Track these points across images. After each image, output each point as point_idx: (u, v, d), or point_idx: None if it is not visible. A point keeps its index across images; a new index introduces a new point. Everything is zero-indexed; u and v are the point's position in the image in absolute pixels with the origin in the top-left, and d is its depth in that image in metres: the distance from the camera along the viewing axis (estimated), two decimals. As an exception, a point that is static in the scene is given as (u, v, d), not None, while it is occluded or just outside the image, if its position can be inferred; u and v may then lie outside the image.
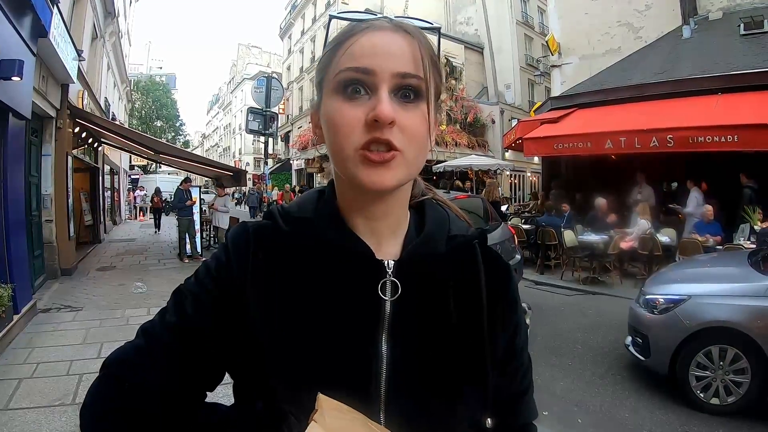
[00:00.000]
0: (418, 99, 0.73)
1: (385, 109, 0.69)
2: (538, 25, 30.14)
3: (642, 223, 9.44)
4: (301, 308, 0.77)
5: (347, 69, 0.72)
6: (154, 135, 35.27)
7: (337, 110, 0.72)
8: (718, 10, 13.40)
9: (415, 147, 0.73)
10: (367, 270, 0.80)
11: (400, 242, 0.84)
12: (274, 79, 12.42)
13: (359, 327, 0.77)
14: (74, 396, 4.51)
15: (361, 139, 0.70)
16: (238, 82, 63.50)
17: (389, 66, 0.71)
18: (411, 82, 0.72)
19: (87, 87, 12.84)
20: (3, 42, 5.70)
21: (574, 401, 4.74)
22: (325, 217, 0.82)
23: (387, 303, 0.78)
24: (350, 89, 0.72)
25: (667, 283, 5.39)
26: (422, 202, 0.90)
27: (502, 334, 0.86)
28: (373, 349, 0.76)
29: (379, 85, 0.71)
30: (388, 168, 0.71)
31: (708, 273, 5.71)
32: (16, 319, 6.09)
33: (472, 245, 0.89)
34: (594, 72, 14.42)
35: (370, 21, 0.76)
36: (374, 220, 0.81)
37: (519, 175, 27.52)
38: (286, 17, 44.37)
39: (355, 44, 0.73)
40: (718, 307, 4.63)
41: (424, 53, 0.74)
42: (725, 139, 8.42)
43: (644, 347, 5.01)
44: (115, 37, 18.60)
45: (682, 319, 4.72)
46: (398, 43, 0.73)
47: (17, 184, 6.94)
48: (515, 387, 0.89)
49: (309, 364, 0.74)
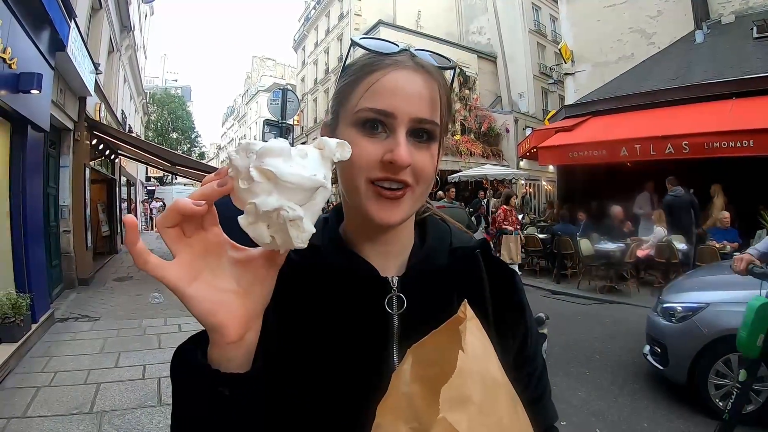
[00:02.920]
0: (431, 140, 0.78)
1: (403, 154, 0.73)
2: (551, 33, 30.02)
3: (658, 230, 9.34)
4: (313, 331, 0.80)
5: (368, 109, 0.75)
6: (170, 147, 35.51)
7: (354, 144, 0.73)
8: (731, 14, 13.33)
9: (423, 184, 0.78)
10: (373, 288, 0.83)
11: (405, 258, 0.88)
12: (290, 91, 12.45)
13: (370, 342, 0.80)
14: (92, 405, 4.54)
15: (374, 174, 0.75)
16: (252, 94, 63.94)
17: (409, 110, 0.75)
18: (427, 127, 0.77)
19: (104, 99, 13.01)
20: (22, 56, 5.80)
21: (592, 411, 4.68)
22: (330, 243, 0.86)
23: (394, 317, 0.82)
24: (369, 125, 0.76)
25: (685, 291, 5.27)
26: (424, 219, 0.94)
27: (511, 340, 0.87)
28: (385, 362, 0.78)
29: (397, 127, 0.75)
30: (397, 205, 0.76)
31: (726, 280, 5.50)
32: (34, 328, 6.16)
33: (474, 255, 0.92)
34: (607, 79, 14.37)
35: (392, 57, 0.78)
36: (382, 243, 0.85)
37: (534, 184, 27.33)
38: (299, 29, 44.66)
39: (377, 83, 0.76)
40: (736, 314, 4.38)
41: (442, 95, 0.78)
42: (740, 144, 8.33)
43: (663, 356, 4.93)
44: (131, 50, 18.88)
45: (701, 327, 4.62)
46: (418, 86, 0.76)
47: (35, 195, 7.02)
48: (530, 393, 0.88)
49: (324, 383, 0.77)
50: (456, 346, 0.64)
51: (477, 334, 0.68)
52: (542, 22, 30.41)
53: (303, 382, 0.77)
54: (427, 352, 0.70)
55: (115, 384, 5.03)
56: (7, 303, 5.61)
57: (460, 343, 0.64)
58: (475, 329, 0.68)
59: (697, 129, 9.08)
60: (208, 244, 0.63)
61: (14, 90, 5.75)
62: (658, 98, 11.10)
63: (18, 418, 4.25)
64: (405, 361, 0.71)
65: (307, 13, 42.93)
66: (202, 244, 0.63)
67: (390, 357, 0.80)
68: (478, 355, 0.64)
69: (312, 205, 0.61)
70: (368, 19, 29.91)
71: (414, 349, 0.71)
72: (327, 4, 36.76)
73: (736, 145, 8.37)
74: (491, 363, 0.67)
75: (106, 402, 4.63)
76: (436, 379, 0.64)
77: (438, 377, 0.64)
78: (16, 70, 5.68)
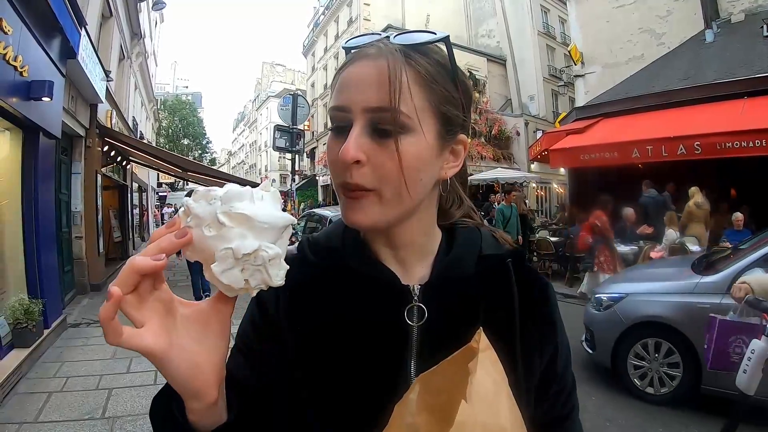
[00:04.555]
0: (396, 134, 0.69)
1: (344, 151, 0.68)
2: (560, 35, 29.93)
3: (670, 232, 9.25)
4: (329, 336, 0.77)
5: (331, 108, 0.73)
6: (181, 153, 35.78)
7: (328, 147, 0.74)
8: (740, 12, 13.19)
9: (390, 185, 0.70)
10: (393, 296, 0.79)
11: (428, 265, 0.82)
12: (300, 97, 12.50)
13: (388, 353, 0.77)
14: (104, 410, 4.57)
15: (339, 178, 0.72)
16: (263, 100, 64.16)
17: (360, 100, 0.70)
18: (383, 116, 0.69)
19: (115, 106, 13.13)
20: (33, 63, 5.85)
21: (606, 417, 4.65)
22: (350, 246, 0.82)
23: (414, 328, 0.77)
24: (336, 126, 0.73)
25: (615, 283, 5.98)
26: (454, 224, 0.87)
27: (538, 358, 0.82)
28: (401, 375, 0.75)
29: (354, 121, 0.70)
30: (359, 207, 0.71)
31: (650, 273, 6.24)
32: (46, 334, 6.21)
33: (505, 264, 0.84)
34: (618, 80, 14.26)
35: (360, 48, 0.75)
36: (397, 248, 0.81)
37: (545, 187, 27.23)
38: (309, 35, 44.89)
39: (338, 79, 0.74)
40: (650, 303, 5.12)
41: (403, 77, 0.69)
42: (753, 144, 8.22)
43: (591, 342, 5.54)
44: (141, 57, 19.03)
45: (620, 315, 5.21)
46: (372, 73, 0.70)
47: (48, 201, 7.08)
48: (557, 411, 0.85)
49: (340, 392, 0.75)
50: (463, 380, 0.62)
51: (490, 370, 0.64)
52: (551, 25, 30.32)
53: (312, 392, 0.75)
54: (435, 380, 0.67)
55: (127, 389, 5.07)
56: (20, 309, 5.65)
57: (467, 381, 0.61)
58: (488, 363, 0.65)
59: (708, 129, 8.98)
60: (165, 303, 0.60)
61: (26, 97, 5.79)
62: (669, 99, 10.99)
63: (30, 423, 4.29)
64: (411, 390, 0.67)
65: (316, 19, 43.18)
66: (161, 305, 0.59)
67: (407, 369, 0.76)
68: (487, 400, 0.61)
69: (282, 242, 0.60)
70: (377, 23, 29.96)
71: (422, 377, 0.67)
72: (336, 9, 36.95)
73: (749, 145, 8.25)
74: (501, 406, 0.63)
75: (117, 407, 4.65)
76: (445, 407, 0.63)
77: (446, 405, 0.62)
78: (28, 77, 5.72)
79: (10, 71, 5.34)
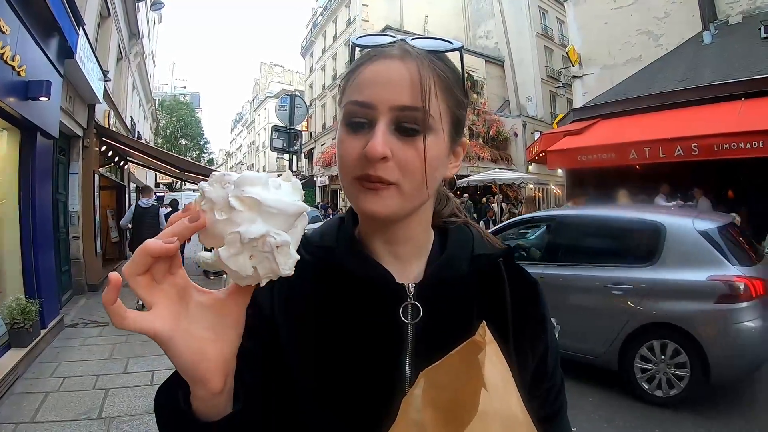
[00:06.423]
0: (421, 132, 0.72)
1: (373, 146, 0.69)
2: (558, 37, 30.01)
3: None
4: (324, 335, 0.78)
5: (351, 102, 0.74)
6: (179, 153, 35.73)
7: (341, 141, 0.75)
8: (738, 14, 13.23)
9: (412, 180, 0.73)
10: (388, 294, 0.79)
11: (423, 264, 0.84)
12: (298, 97, 12.47)
13: (383, 351, 0.77)
14: (100, 410, 4.56)
15: (357, 171, 0.72)
16: (261, 101, 64.14)
17: (387, 98, 0.71)
18: (411, 115, 0.71)
19: (113, 106, 13.10)
20: (31, 63, 5.84)
21: (605, 417, 4.64)
22: (344, 244, 0.83)
23: (409, 326, 0.78)
24: (353, 121, 0.73)
25: None
26: (445, 223, 0.90)
27: (530, 355, 0.84)
28: (397, 373, 0.76)
29: (378, 118, 0.71)
30: (380, 197, 0.72)
31: None
32: (43, 334, 6.20)
33: (497, 264, 0.86)
34: (615, 82, 14.29)
35: (381, 48, 0.76)
36: (395, 244, 0.82)
37: (543, 188, 27.28)
38: (307, 35, 44.96)
39: (360, 76, 0.74)
40: None
41: (431, 81, 0.72)
42: (750, 145, 8.23)
43: None
44: (139, 57, 19.01)
45: None
46: (400, 73, 0.72)
47: (45, 201, 7.06)
48: (547, 409, 0.86)
49: (334, 389, 0.75)
50: (472, 372, 0.62)
51: (496, 362, 0.65)
52: (549, 26, 30.42)
53: (308, 391, 0.76)
54: (440, 375, 0.67)
55: (124, 390, 5.06)
56: (17, 309, 5.62)
57: (478, 373, 0.61)
58: (494, 356, 0.65)
59: (706, 130, 8.98)
60: (178, 288, 0.60)
61: (23, 97, 5.78)
62: (667, 100, 11.00)
63: (26, 424, 4.28)
64: (417, 385, 0.67)
65: (314, 20, 43.23)
66: (174, 290, 0.60)
67: (402, 367, 0.77)
68: (498, 390, 0.61)
69: (294, 232, 0.60)
70: (375, 24, 30.03)
71: (427, 372, 0.67)
72: (334, 10, 37.04)
73: (746, 146, 8.27)
74: (511, 397, 0.64)
75: (114, 408, 4.64)
76: (449, 404, 0.63)
77: (451, 403, 0.63)
78: (25, 77, 5.71)
79: (7, 71, 5.32)
